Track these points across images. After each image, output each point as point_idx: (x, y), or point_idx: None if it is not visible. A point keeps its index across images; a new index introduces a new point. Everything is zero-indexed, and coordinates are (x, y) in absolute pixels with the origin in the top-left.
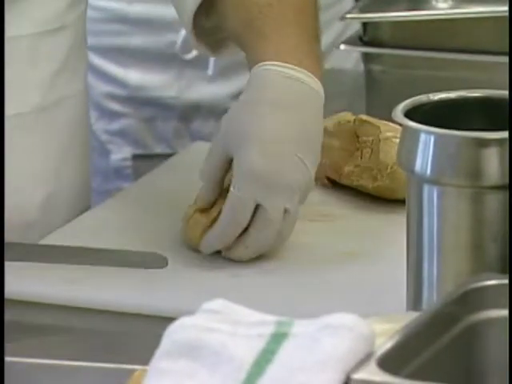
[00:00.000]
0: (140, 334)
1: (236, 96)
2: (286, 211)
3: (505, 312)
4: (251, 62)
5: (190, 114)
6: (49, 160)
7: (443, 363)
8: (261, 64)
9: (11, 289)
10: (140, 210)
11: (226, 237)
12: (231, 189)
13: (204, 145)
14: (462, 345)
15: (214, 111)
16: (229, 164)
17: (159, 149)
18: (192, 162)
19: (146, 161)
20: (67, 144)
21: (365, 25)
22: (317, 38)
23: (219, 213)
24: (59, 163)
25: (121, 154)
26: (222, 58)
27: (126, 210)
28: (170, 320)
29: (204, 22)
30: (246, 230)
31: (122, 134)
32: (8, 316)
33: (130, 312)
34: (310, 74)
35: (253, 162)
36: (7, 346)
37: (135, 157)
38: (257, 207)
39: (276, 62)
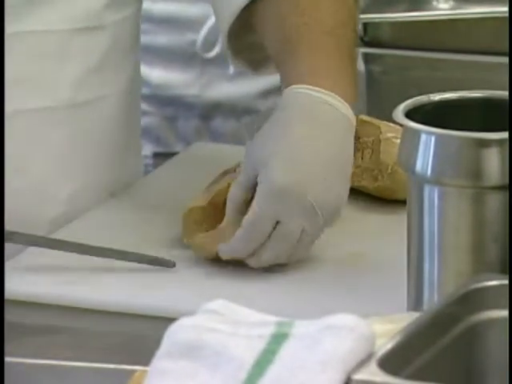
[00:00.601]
0: (140, 334)
1: (256, 95)
2: (303, 231)
3: (505, 312)
4: (284, 82)
5: (211, 112)
6: (77, 157)
7: (444, 364)
8: (293, 87)
9: (11, 289)
10: (141, 210)
11: (242, 251)
12: (253, 204)
13: (204, 145)
14: (463, 345)
15: (235, 110)
16: (255, 185)
17: (180, 147)
18: (193, 162)
19: (166, 159)
20: (100, 142)
21: (365, 25)
22: (351, 58)
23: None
24: (89, 160)
25: (142, 151)
26: (261, 75)
27: (127, 210)
28: (170, 320)
29: (246, 38)
30: None
31: (143, 131)
32: (8, 316)
33: (130, 312)
34: (340, 98)
35: (275, 180)
36: (7, 346)
37: (156, 155)
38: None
39: (307, 86)
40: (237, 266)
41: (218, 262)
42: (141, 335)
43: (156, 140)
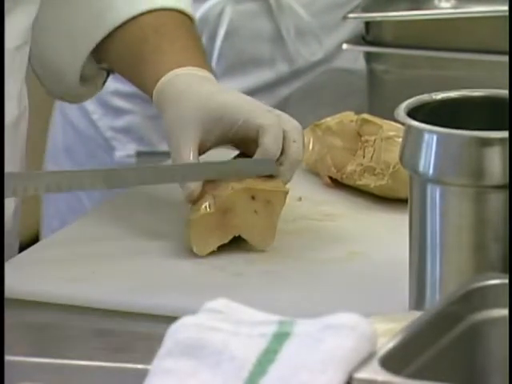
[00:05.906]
0: (142, 333)
1: None
2: None
3: (507, 311)
4: (148, 77)
5: None
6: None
7: (445, 362)
8: (169, 74)
9: (11, 288)
10: (142, 210)
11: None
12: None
13: None
14: (465, 344)
15: None
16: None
17: (163, 146)
18: None
19: (149, 158)
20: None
21: (367, 24)
22: (200, 45)
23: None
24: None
25: (125, 150)
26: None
27: (127, 210)
28: (172, 319)
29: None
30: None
31: (126, 130)
32: (8, 316)
33: (131, 311)
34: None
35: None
36: (7, 346)
37: (139, 154)
38: None
39: (182, 69)
40: (238, 264)
41: (220, 262)
42: (142, 334)
43: (139, 139)
